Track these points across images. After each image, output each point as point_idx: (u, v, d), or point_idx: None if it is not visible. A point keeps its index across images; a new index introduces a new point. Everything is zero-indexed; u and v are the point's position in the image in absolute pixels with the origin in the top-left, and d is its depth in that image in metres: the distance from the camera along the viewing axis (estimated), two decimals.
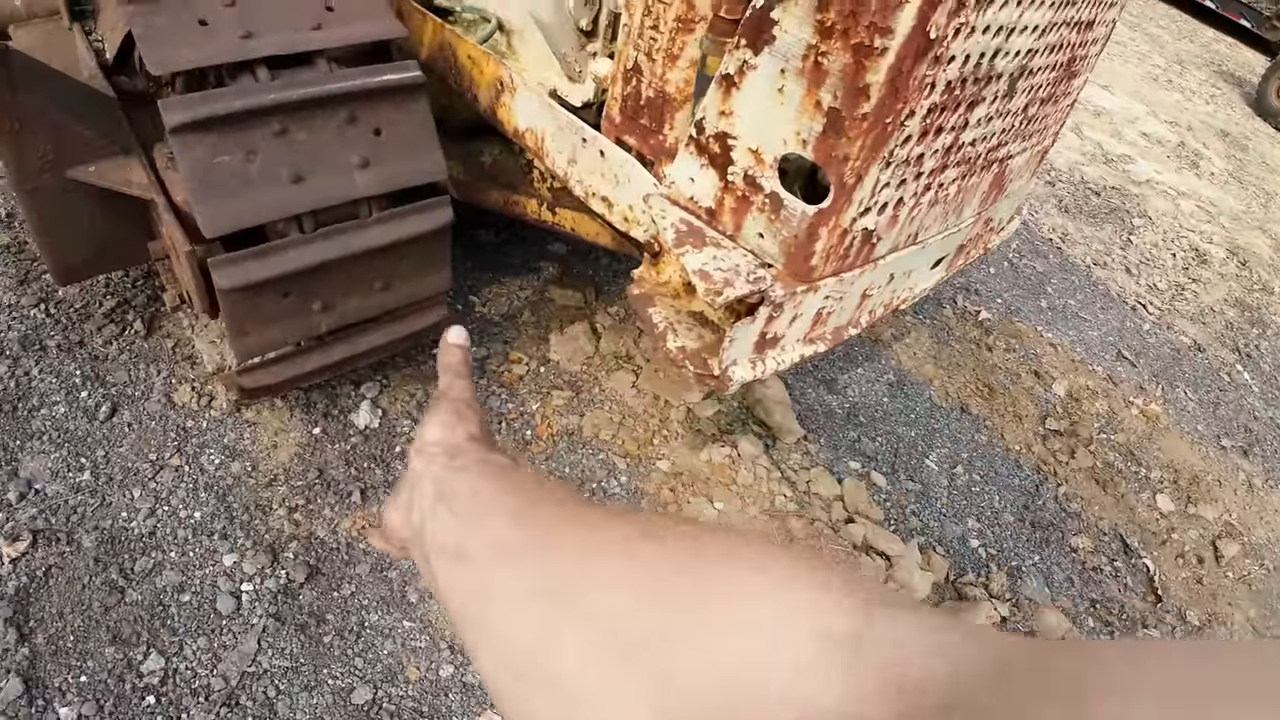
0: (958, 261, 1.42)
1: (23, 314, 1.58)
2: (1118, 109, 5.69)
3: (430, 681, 1.31)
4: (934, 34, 0.79)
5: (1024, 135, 1.25)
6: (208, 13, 1.11)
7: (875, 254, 1.06)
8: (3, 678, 1.14)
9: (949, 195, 1.13)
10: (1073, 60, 1.21)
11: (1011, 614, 1.73)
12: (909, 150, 0.93)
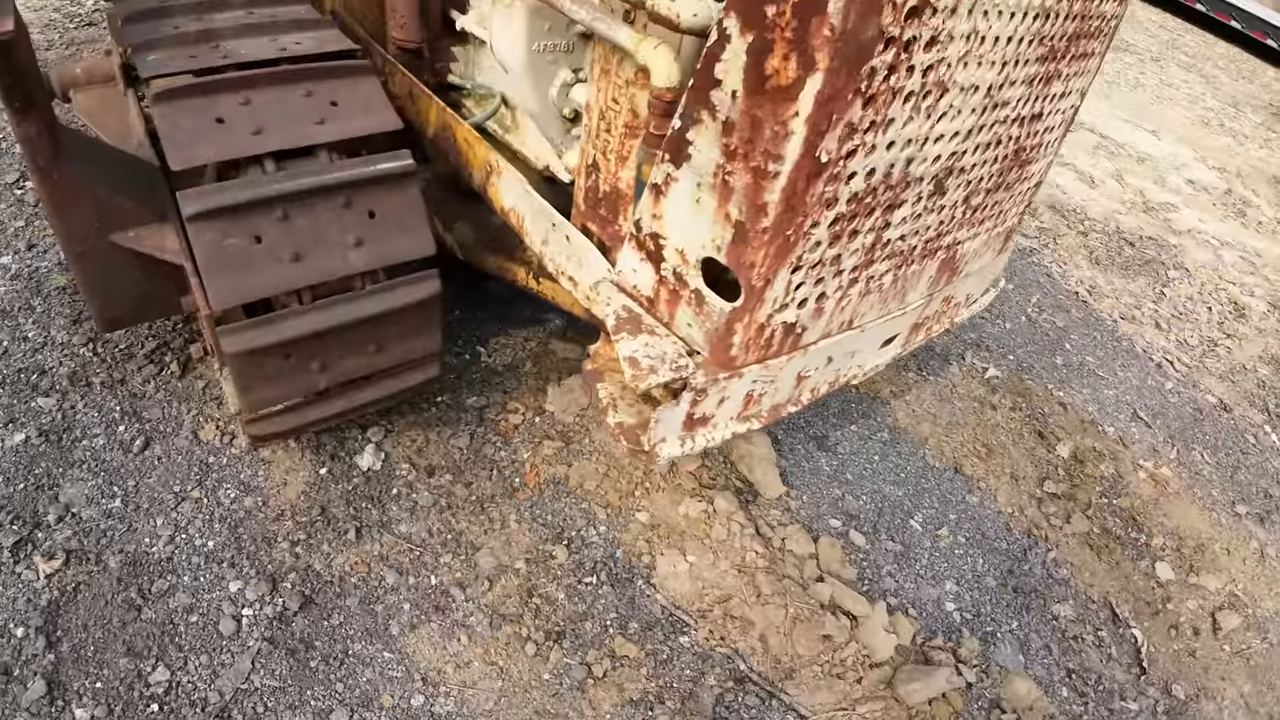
0: (916, 338, 1.49)
1: (73, 351, 1.80)
2: (1163, 155, 5.57)
3: (402, 709, 1.43)
4: (825, 158, 0.89)
5: (971, 224, 1.31)
6: (226, 111, 1.29)
7: (803, 342, 1.15)
8: (30, 679, 1.31)
9: (884, 285, 1.21)
10: (1021, 150, 1.27)
11: (979, 680, 1.74)
12: (821, 253, 1.02)
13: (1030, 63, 1.07)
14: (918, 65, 0.88)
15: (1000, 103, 1.08)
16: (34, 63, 1.19)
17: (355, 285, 1.40)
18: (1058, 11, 1.04)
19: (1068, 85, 1.24)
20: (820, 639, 1.68)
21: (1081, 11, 1.10)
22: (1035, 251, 3.85)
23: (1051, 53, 1.10)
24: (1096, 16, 1.17)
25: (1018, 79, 1.07)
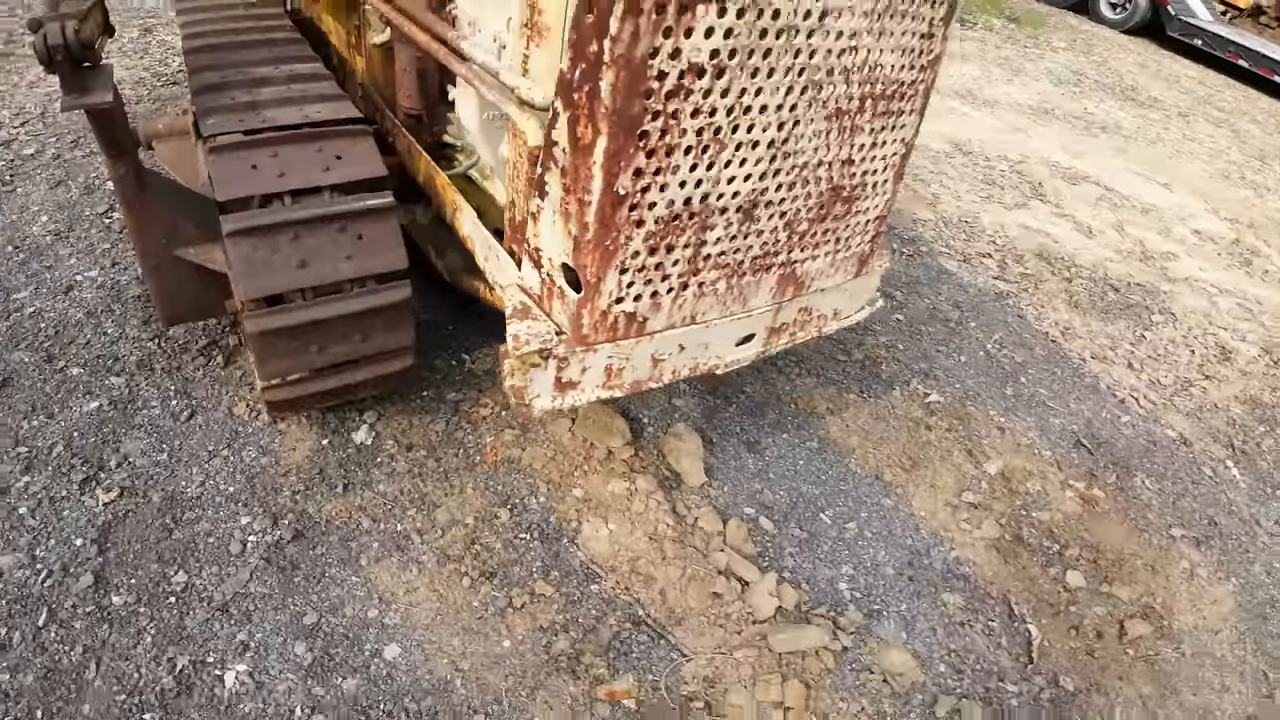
0: (779, 341, 1.84)
1: (141, 344, 2.33)
2: (1172, 206, 5.68)
3: (359, 617, 1.82)
4: (623, 192, 1.29)
5: (804, 247, 1.68)
6: (259, 161, 1.79)
7: (647, 329, 1.53)
8: (82, 574, 1.77)
9: (719, 290, 1.58)
10: (840, 189, 1.64)
11: (855, 645, 2.00)
12: (643, 260, 1.41)
13: (816, 120, 1.45)
14: (688, 128, 1.27)
15: (791, 152, 1.46)
16: (125, 121, 1.72)
17: (345, 288, 1.87)
18: (834, 84, 1.42)
19: (878, 137, 1.60)
20: (710, 595, 1.99)
21: (868, 79, 1.48)
22: (1010, 295, 4.06)
23: (841, 112, 1.48)
24: (892, 83, 1.54)
25: (805, 134, 1.45)
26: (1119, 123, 7.22)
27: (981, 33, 9.32)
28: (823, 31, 1.32)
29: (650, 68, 1.17)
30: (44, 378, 2.19)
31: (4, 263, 2.55)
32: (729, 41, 1.21)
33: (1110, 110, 7.54)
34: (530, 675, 1.76)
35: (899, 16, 1.42)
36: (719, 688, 1.81)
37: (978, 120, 6.57)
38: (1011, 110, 6.97)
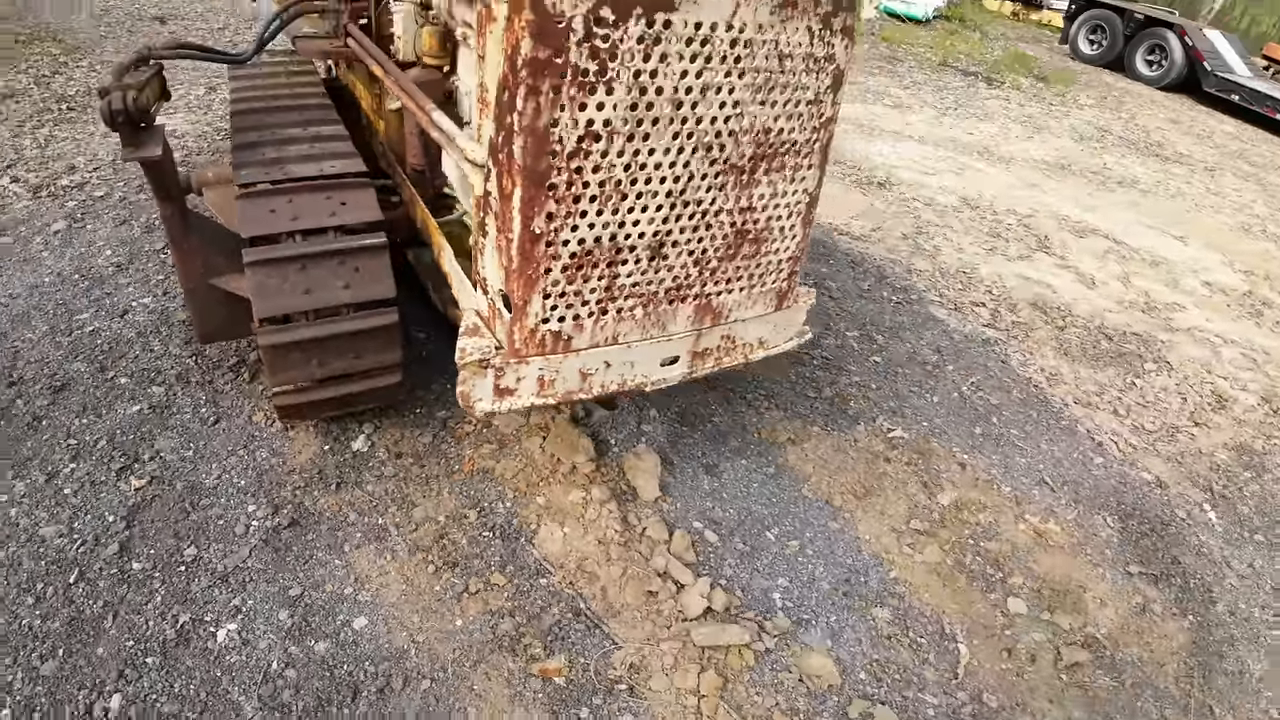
0: (704, 364, 2.09)
1: (181, 360, 2.73)
2: (1184, 259, 5.72)
3: (336, 593, 2.10)
4: (538, 231, 1.60)
5: (717, 281, 1.95)
6: (278, 206, 2.18)
7: (573, 346, 1.81)
8: (109, 544, 2.10)
9: (637, 316, 1.86)
10: (744, 232, 1.91)
11: (778, 648, 2.17)
12: (563, 288, 1.70)
13: (711, 175, 1.74)
14: (590, 181, 1.58)
15: (691, 200, 1.74)
16: (174, 171, 2.13)
17: (343, 312, 2.22)
18: (725, 144, 1.72)
19: (777, 188, 1.88)
20: (645, 594, 2.21)
21: (758, 140, 1.76)
22: (996, 342, 4.19)
23: (735, 167, 1.77)
24: (784, 143, 1.82)
25: (702, 185, 1.74)
26: (1137, 177, 7.28)
27: (1008, 91, 9.55)
28: (706, 103, 1.62)
29: (552, 134, 1.49)
30: (96, 385, 2.61)
31: (71, 289, 3.02)
32: (618, 113, 1.52)
33: (1130, 165, 7.61)
34: (475, 650, 2.01)
35: (784, 88, 1.72)
36: (643, 674, 2.02)
37: (991, 176, 6.75)
38: (1027, 166, 7.13)
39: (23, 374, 2.59)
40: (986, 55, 10.90)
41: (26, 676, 1.77)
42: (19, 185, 3.65)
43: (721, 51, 1.57)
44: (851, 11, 1.73)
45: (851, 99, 8.28)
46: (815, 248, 4.82)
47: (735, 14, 1.54)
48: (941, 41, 10.90)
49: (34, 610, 1.91)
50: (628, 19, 1.43)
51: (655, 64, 1.51)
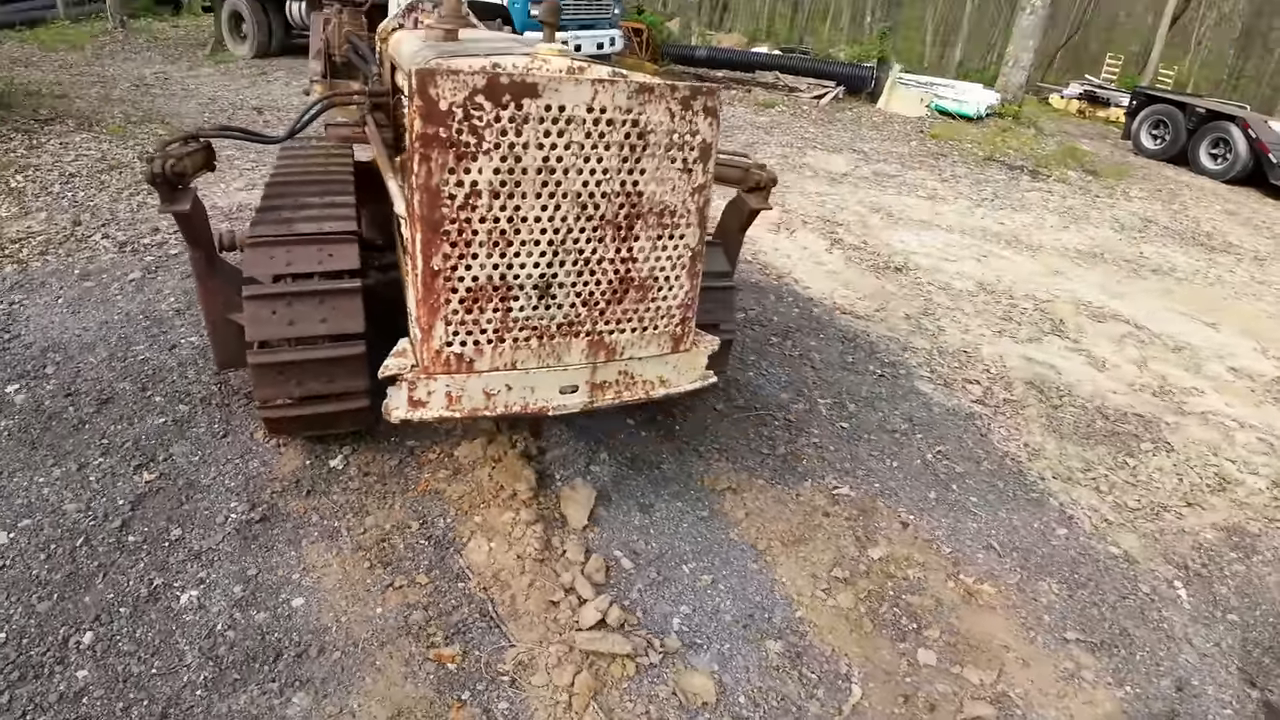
0: (605, 395, 2.39)
1: (207, 386, 3.27)
2: (1212, 345, 5.55)
3: (284, 577, 2.44)
4: (436, 268, 1.99)
5: (608, 321, 2.27)
6: (276, 254, 2.69)
7: (475, 368, 2.16)
8: (114, 520, 2.55)
9: (533, 346, 2.20)
10: (627, 279, 2.24)
11: (662, 664, 2.32)
12: (461, 317, 2.07)
13: (589, 229, 2.10)
14: (479, 229, 1.97)
15: (572, 249, 2.10)
16: (204, 223, 2.69)
17: (319, 342, 2.67)
18: (599, 204, 2.08)
19: (656, 243, 2.21)
20: (548, 603, 2.43)
21: (631, 201, 2.12)
22: (979, 416, 4.22)
23: (612, 224, 2.12)
24: (658, 204, 2.17)
25: (581, 237, 2.10)
26: (1175, 265, 7.14)
27: (1052, 184, 9.61)
28: (576, 168, 2.01)
29: (442, 192, 1.90)
30: (134, 400, 3.16)
31: (134, 326, 3.67)
32: (496, 176, 1.93)
33: (1170, 254, 7.47)
34: (385, 633, 2.29)
35: (651, 158, 2.09)
36: (528, 670, 2.24)
37: (1015, 263, 6.81)
38: (1056, 254, 7.15)
39: (79, 388, 3.18)
40: (1038, 151, 11.03)
41: (25, 612, 2.19)
42: (109, 241, 4.46)
43: (585, 128, 1.97)
44: (711, 95, 2.10)
45: (883, 188, 8.60)
46: (810, 324, 5.04)
47: (595, 98, 1.95)
48: (991, 138, 11.14)
49: (43, 564, 2.36)
50: (498, 104, 1.86)
51: (525, 138, 1.92)
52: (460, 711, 2.08)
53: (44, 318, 3.67)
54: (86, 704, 1.96)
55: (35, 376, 3.23)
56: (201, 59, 11.61)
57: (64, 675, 2.02)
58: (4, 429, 2.92)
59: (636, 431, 3.47)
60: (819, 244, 6.73)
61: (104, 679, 2.03)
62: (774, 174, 3.39)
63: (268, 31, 11.69)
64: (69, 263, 4.22)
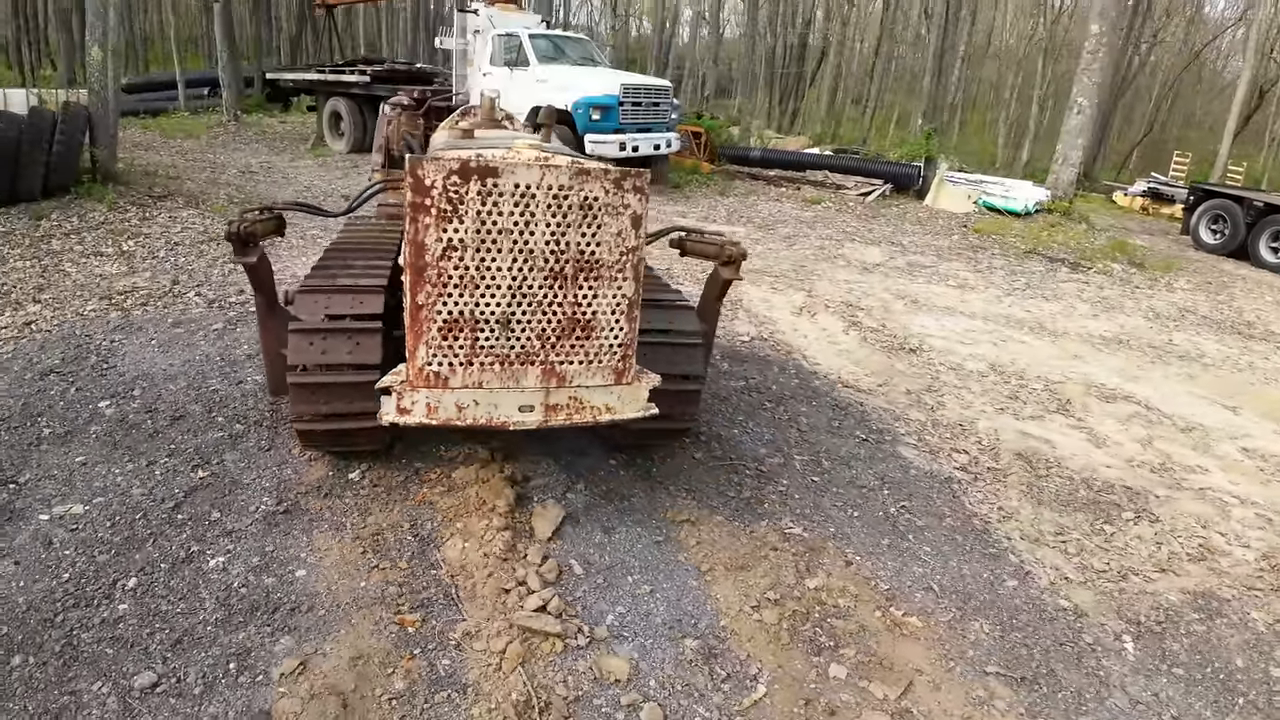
0: (557, 416, 2.89)
1: (263, 411, 3.98)
2: (1227, 426, 5.49)
3: (294, 554, 2.99)
4: (421, 303, 2.60)
5: (559, 353, 2.81)
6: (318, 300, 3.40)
7: (449, 385, 2.73)
8: (169, 502, 3.20)
9: (497, 369, 2.75)
10: (575, 319, 2.78)
11: (587, 647, 2.68)
12: (439, 343, 2.66)
13: (541, 277, 2.67)
14: (453, 274, 2.57)
15: (527, 293, 2.67)
16: (268, 273, 3.44)
17: (344, 370, 3.32)
18: (549, 258, 2.66)
19: (597, 291, 2.75)
20: (500, 590, 2.87)
21: (574, 257, 2.69)
22: (958, 481, 4.37)
23: (559, 274, 2.69)
24: (597, 261, 2.73)
25: (535, 283, 2.67)
26: (1205, 352, 7.08)
27: (1093, 276, 9.68)
28: (530, 230, 2.61)
29: (426, 245, 2.54)
30: (201, 419, 3.90)
31: (212, 365, 4.50)
32: (469, 235, 2.55)
33: (1203, 341, 7.40)
34: (363, 601, 2.78)
35: (590, 224, 2.68)
36: (471, 638, 2.66)
37: (1033, 348, 6.96)
38: (1079, 340, 7.24)
39: (157, 407, 3.96)
40: (1086, 245, 11.14)
41: (87, 561, 2.83)
42: (200, 298, 5.42)
43: (536, 200, 2.59)
44: (639, 177, 2.70)
45: (913, 278, 8.95)
46: (806, 393, 5.39)
47: (543, 179, 2.57)
48: (1037, 233, 11.36)
49: (108, 529, 3.01)
50: (469, 181, 2.51)
51: (490, 207, 2.55)
52: (410, 662, 2.53)
53: (138, 354, 4.56)
54: (121, 628, 2.54)
55: (124, 397, 4.05)
56: (303, 152, 13.46)
57: (109, 607, 2.62)
58: (94, 433, 3.70)
59: (616, 470, 3.92)
60: (836, 325, 7.12)
61: (138, 611, 2.61)
62: (744, 250, 3.90)
63: (362, 130, 13.48)
64: (164, 313, 5.18)
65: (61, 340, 4.73)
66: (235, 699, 2.33)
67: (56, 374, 4.28)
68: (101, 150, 8.49)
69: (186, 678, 2.39)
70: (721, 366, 5.71)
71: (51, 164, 7.74)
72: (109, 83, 8.54)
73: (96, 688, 2.32)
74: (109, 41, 8.51)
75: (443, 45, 13.42)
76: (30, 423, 3.77)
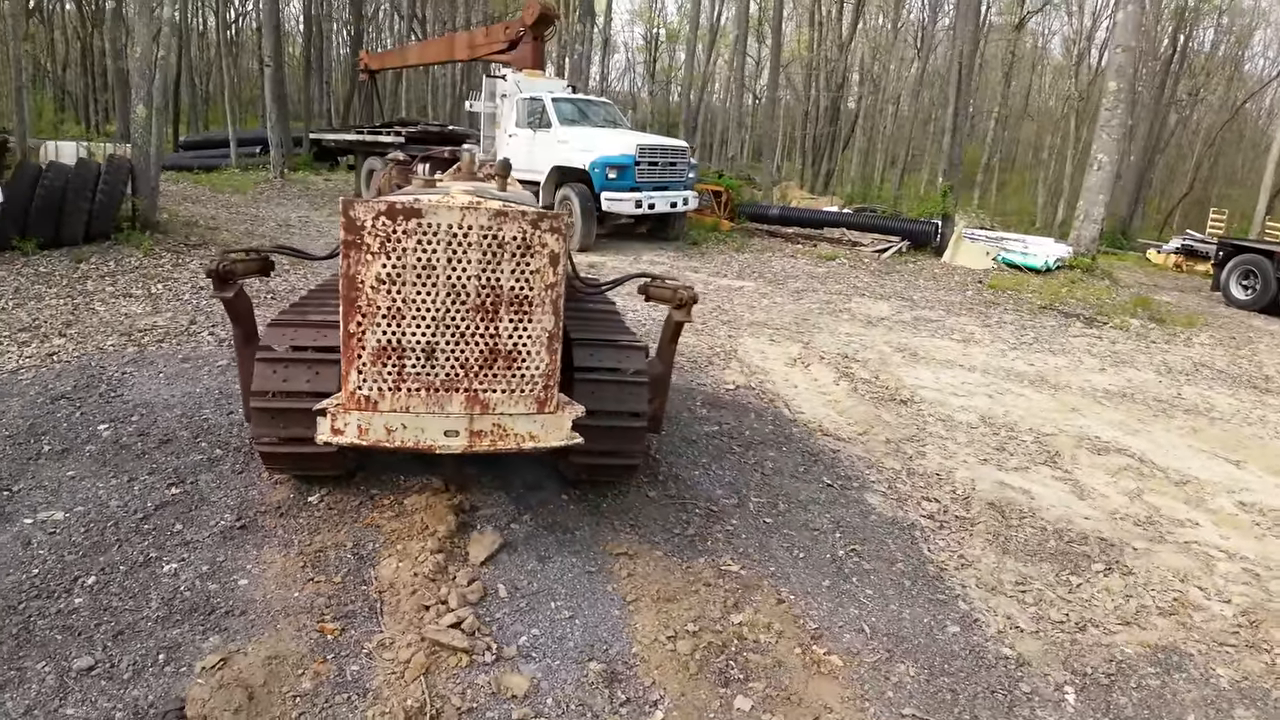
0: (482, 442, 3.07)
1: (243, 440, 4.26)
2: (1226, 480, 5.28)
3: (239, 565, 3.20)
4: (351, 331, 2.85)
5: (482, 381, 3.01)
6: (286, 333, 3.70)
7: (379, 408, 2.94)
8: (142, 512, 3.46)
9: (422, 395, 2.96)
10: (494, 351, 2.99)
11: (493, 663, 2.78)
12: (369, 369, 2.90)
13: (462, 309, 2.90)
14: (380, 305, 2.82)
15: (449, 324, 2.90)
16: (246, 307, 3.77)
17: (303, 397, 3.57)
18: (470, 292, 2.89)
19: (517, 325, 2.96)
20: (420, 607, 3.00)
21: (494, 291, 2.92)
22: (920, 528, 4.30)
23: (480, 307, 2.92)
24: (517, 296, 2.95)
25: (456, 315, 2.89)
26: (1214, 406, 6.84)
27: (1107, 331, 9.49)
28: (451, 267, 2.86)
29: (356, 278, 2.81)
30: (187, 443, 4.23)
31: (209, 397, 4.89)
32: (394, 270, 2.81)
33: (1214, 396, 7.15)
34: (292, 609, 2.96)
35: (509, 261, 2.91)
36: (383, 649, 2.80)
37: (1030, 401, 6.84)
38: (1079, 394, 7.09)
39: (150, 431, 4.30)
40: (1107, 301, 10.96)
41: (56, 560, 3.10)
42: (212, 337, 5.84)
43: (457, 239, 2.84)
44: (556, 219, 2.93)
45: (916, 331, 8.95)
46: (780, 440, 5.42)
47: (463, 220, 2.83)
48: (1056, 289, 11.22)
49: (81, 534, 3.30)
50: (395, 221, 2.78)
51: (414, 244, 2.81)
52: (321, 665, 2.68)
53: (145, 385, 4.95)
54: (74, 619, 2.78)
55: (122, 421, 4.41)
56: None
57: (66, 599, 2.87)
58: (89, 451, 4.04)
59: (566, 504, 4.05)
60: (828, 376, 7.15)
61: (91, 606, 2.85)
62: (695, 294, 4.07)
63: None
64: (176, 349, 5.61)
65: (77, 370, 5.19)
66: (158, 685, 2.53)
67: (66, 399, 4.69)
68: (142, 200, 9.30)
69: (120, 664, 2.60)
70: (698, 412, 5.82)
71: (94, 212, 8.53)
72: (152, 138, 9.42)
73: (40, 666, 2.56)
74: (153, 100, 9.41)
75: (472, 108, 14.30)
76: (34, 440, 4.14)
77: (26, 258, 8.25)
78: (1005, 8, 32.89)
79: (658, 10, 48.55)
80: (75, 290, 7.23)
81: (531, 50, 13.48)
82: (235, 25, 38.27)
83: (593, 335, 3.81)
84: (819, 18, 33.42)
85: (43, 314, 6.46)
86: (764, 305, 9.78)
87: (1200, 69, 28.88)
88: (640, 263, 11.60)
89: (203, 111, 35.57)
